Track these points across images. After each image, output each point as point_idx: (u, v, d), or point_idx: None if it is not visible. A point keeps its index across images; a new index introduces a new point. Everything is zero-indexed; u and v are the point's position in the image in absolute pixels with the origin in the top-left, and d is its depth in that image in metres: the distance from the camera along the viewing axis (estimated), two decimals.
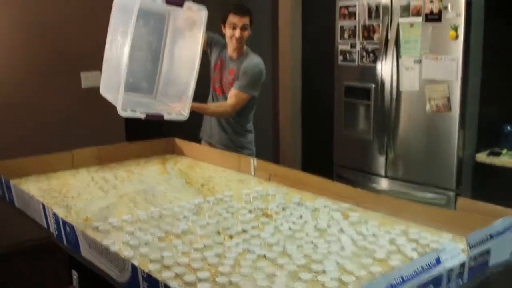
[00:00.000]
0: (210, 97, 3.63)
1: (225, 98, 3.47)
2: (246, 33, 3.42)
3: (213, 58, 3.60)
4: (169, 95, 3.07)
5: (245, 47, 3.49)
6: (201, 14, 2.87)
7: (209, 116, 3.56)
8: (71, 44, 4.47)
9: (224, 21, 3.43)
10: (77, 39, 4.48)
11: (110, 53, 2.86)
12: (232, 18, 3.37)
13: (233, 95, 3.38)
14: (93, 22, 4.52)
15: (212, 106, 3.49)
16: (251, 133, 3.63)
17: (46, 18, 4.34)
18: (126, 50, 2.60)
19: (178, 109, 2.90)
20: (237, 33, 3.36)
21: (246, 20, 3.39)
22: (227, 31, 3.42)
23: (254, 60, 3.44)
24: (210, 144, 3.56)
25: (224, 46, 3.54)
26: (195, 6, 2.83)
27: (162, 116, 2.89)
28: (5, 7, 4.14)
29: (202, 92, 3.31)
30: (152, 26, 3.05)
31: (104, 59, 2.88)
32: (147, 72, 3.09)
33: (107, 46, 2.86)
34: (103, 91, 2.88)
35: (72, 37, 4.47)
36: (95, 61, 4.50)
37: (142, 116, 2.77)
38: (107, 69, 2.88)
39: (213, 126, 3.59)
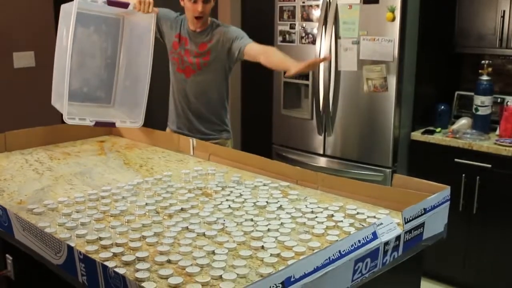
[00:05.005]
0: (173, 81, 3.16)
1: (196, 78, 3.05)
2: (209, 6, 2.93)
3: (168, 37, 3.12)
4: (127, 103, 2.99)
5: (209, 19, 3.04)
6: (150, 17, 2.81)
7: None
8: (2, 24, 4.30)
9: None
10: (9, 19, 4.32)
11: (58, 61, 2.78)
12: None
13: (257, 46, 2.94)
14: (26, 2, 4.37)
15: (283, 57, 2.84)
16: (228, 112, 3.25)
17: None
18: (68, 54, 2.53)
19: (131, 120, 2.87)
20: (200, 7, 2.88)
21: None
22: (186, 4, 2.94)
23: (232, 26, 3.07)
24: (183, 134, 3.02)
25: (178, 21, 3.09)
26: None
27: (113, 124, 2.82)
28: None
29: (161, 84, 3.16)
30: (104, 32, 2.94)
31: (54, 67, 2.78)
32: (102, 80, 2.99)
33: (56, 54, 2.78)
34: (54, 101, 2.80)
35: (3, 16, 4.30)
36: (28, 42, 4.41)
37: (92, 124, 2.69)
38: (56, 77, 2.79)
39: (186, 118, 3.13)
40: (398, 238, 1.55)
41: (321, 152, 3.85)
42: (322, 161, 3.86)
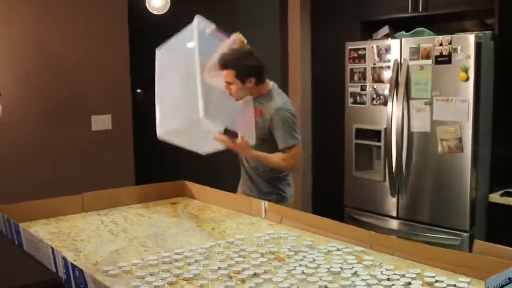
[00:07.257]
0: None
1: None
2: (233, 88, 2.96)
3: None
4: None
5: (271, 84, 3.12)
6: None
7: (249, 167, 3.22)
8: (82, 87, 4.51)
9: None
10: (89, 82, 4.52)
11: (162, 94, 2.98)
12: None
13: (282, 153, 3.01)
14: (105, 67, 4.58)
15: (274, 157, 3.01)
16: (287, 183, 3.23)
17: (59, 61, 4.39)
18: (197, 67, 2.74)
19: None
20: (224, 86, 2.98)
21: (228, 74, 2.92)
22: None
23: (278, 105, 3.03)
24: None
25: None
26: None
27: (237, 135, 2.87)
28: (18, 50, 4.19)
29: None
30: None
31: (156, 102, 2.96)
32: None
33: (157, 90, 2.97)
34: (161, 133, 2.90)
35: (84, 80, 4.51)
36: (105, 105, 4.58)
37: (222, 128, 2.77)
38: (161, 110, 2.95)
39: (245, 178, 3.26)
40: None
41: (394, 214, 3.76)
42: (395, 224, 3.76)
